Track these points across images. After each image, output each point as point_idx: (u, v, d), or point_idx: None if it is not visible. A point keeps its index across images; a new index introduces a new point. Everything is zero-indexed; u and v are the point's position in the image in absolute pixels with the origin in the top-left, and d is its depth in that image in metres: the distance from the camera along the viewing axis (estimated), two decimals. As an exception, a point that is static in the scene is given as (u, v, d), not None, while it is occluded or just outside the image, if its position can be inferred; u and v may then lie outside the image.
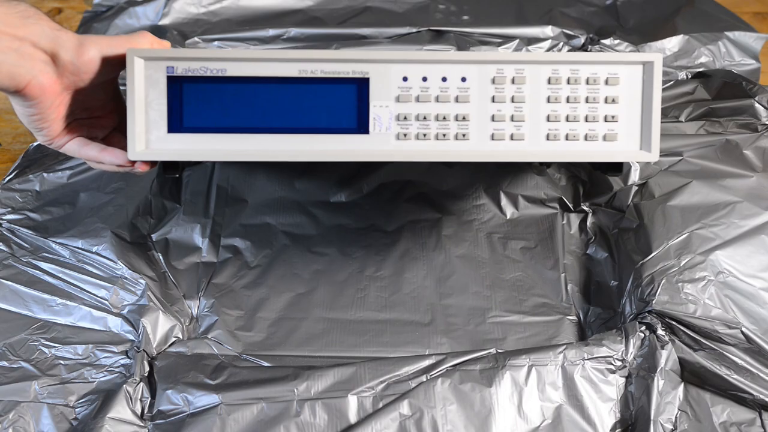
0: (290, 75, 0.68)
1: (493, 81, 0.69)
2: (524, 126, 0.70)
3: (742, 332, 0.78)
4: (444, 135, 0.70)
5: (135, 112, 0.68)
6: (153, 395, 0.76)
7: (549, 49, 1.09)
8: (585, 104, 0.71)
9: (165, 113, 0.69)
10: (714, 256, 0.83)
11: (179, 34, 1.13)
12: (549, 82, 0.70)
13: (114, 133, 0.75)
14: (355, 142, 0.69)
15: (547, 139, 0.71)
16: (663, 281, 0.81)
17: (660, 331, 0.78)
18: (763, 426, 0.73)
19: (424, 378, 0.76)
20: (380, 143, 0.69)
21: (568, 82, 0.70)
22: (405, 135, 0.69)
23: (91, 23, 1.19)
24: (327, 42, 1.10)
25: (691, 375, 0.77)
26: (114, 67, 0.68)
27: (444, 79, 0.69)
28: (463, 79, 0.69)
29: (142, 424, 0.74)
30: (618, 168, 0.78)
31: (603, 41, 1.09)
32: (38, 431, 0.74)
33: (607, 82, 0.70)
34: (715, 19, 1.17)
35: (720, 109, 1.00)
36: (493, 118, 0.70)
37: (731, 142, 0.94)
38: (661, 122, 1.00)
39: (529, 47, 1.09)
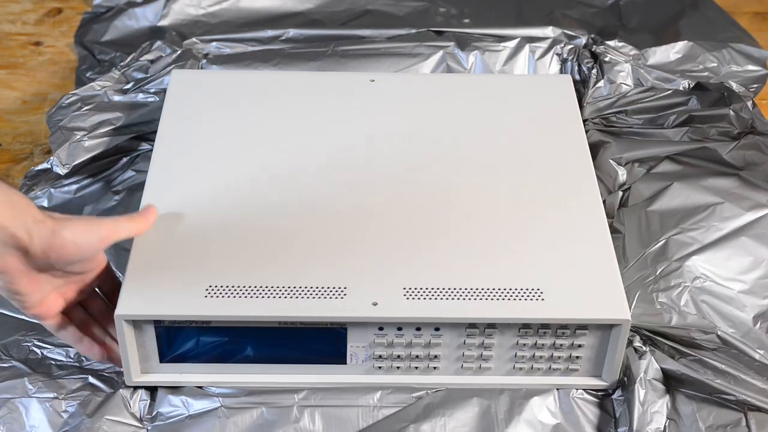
0: (271, 326, 0.73)
1: (466, 330, 0.73)
2: (491, 361, 0.75)
3: (718, 336, 0.78)
4: (416, 368, 0.76)
5: (128, 351, 0.73)
6: (152, 397, 0.76)
7: (550, 48, 1.09)
8: (551, 348, 0.75)
9: (156, 349, 0.74)
10: (690, 262, 0.83)
11: (178, 35, 1.12)
12: (519, 331, 0.74)
13: (94, 293, 0.75)
14: (333, 369, 0.76)
15: (512, 369, 0.76)
16: (638, 293, 0.82)
17: (636, 343, 0.78)
18: (748, 426, 0.73)
19: (423, 393, 0.76)
20: (356, 373, 0.76)
21: (537, 332, 0.74)
22: (380, 368, 0.76)
23: (90, 24, 1.19)
24: (326, 42, 1.10)
25: (674, 383, 0.76)
26: (88, 252, 0.68)
27: (418, 329, 0.74)
28: (437, 329, 0.74)
29: (141, 426, 0.74)
30: None
31: (607, 42, 1.08)
32: (30, 426, 0.73)
33: (575, 332, 0.74)
34: (719, 27, 1.16)
35: (702, 116, 1.00)
36: (462, 355, 0.75)
37: (711, 148, 0.95)
38: (648, 129, 1.01)
39: (530, 45, 1.09)
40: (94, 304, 0.75)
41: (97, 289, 0.75)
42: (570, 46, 1.09)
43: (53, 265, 0.66)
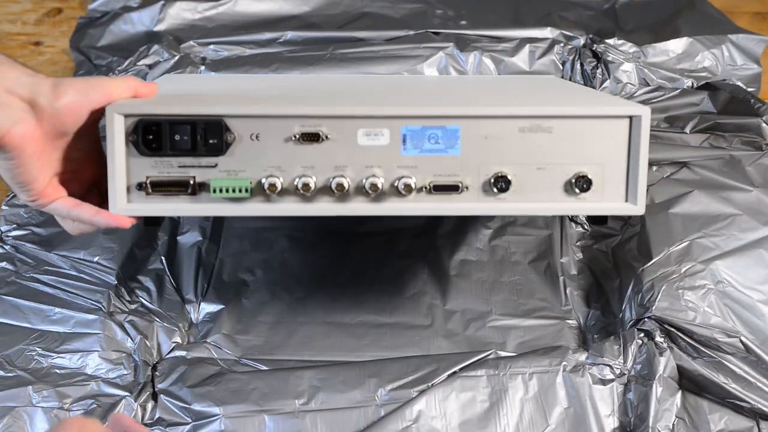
0: None
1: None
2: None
3: (741, 341, 0.78)
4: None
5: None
6: (153, 403, 0.76)
7: (550, 48, 1.08)
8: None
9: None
10: (714, 266, 0.83)
11: (175, 39, 1.12)
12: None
13: (92, 190, 0.72)
14: None
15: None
16: (663, 287, 0.81)
17: (658, 338, 0.78)
18: (759, 436, 0.74)
19: (425, 386, 0.76)
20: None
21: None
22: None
23: (85, 29, 1.18)
24: (324, 45, 1.09)
25: (689, 382, 0.77)
26: (94, 111, 0.65)
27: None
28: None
29: None
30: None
31: (607, 41, 1.08)
32: (33, 435, 0.74)
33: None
34: (717, 22, 1.16)
35: (726, 124, 1.00)
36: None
37: (735, 157, 0.94)
38: (666, 131, 1.00)
39: (531, 45, 1.08)
40: (93, 200, 0.71)
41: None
42: (570, 46, 1.09)
43: (63, 125, 0.64)
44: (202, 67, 1.06)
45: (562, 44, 1.09)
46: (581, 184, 0.69)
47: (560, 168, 0.69)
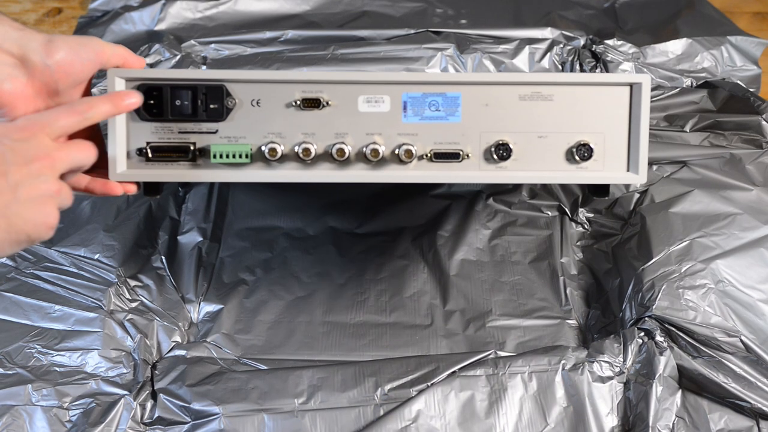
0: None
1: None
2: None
3: (742, 341, 0.78)
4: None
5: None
6: (152, 402, 0.76)
7: (549, 49, 1.09)
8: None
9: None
10: (714, 265, 0.83)
11: (175, 38, 1.12)
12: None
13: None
14: None
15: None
16: (663, 287, 0.81)
17: (659, 338, 0.78)
18: (759, 436, 0.74)
19: (424, 385, 0.76)
20: None
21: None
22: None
23: (86, 28, 1.18)
24: (325, 44, 1.09)
25: (689, 382, 0.77)
26: (86, 69, 0.64)
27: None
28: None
29: (142, 430, 0.74)
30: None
31: (606, 42, 1.08)
32: (33, 433, 0.74)
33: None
34: (717, 23, 1.16)
35: (726, 122, 1.00)
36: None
37: (735, 156, 0.94)
38: (666, 130, 1.00)
39: (530, 46, 1.08)
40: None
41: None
42: (569, 47, 1.09)
43: (56, 82, 0.62)
44: (204, 67, 1.06)
45: (561, 45, 1.09)
46: (582, 152, 0.70)
47: (561, 136, 0.70)
